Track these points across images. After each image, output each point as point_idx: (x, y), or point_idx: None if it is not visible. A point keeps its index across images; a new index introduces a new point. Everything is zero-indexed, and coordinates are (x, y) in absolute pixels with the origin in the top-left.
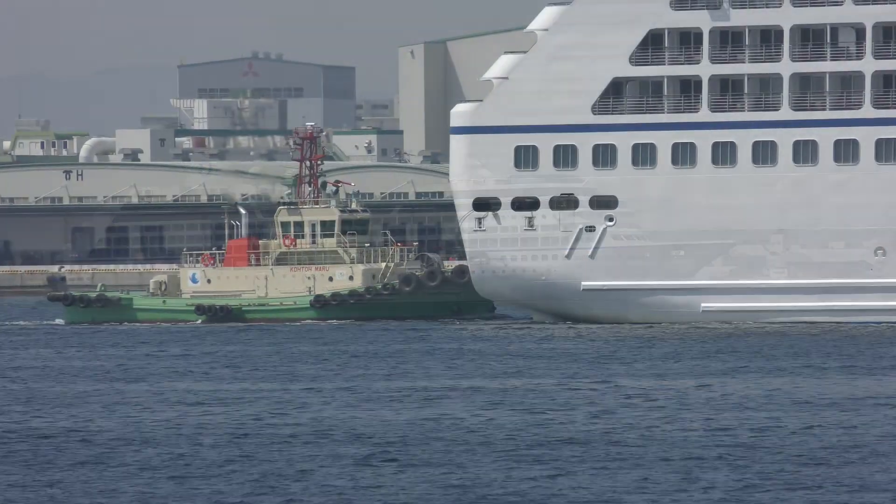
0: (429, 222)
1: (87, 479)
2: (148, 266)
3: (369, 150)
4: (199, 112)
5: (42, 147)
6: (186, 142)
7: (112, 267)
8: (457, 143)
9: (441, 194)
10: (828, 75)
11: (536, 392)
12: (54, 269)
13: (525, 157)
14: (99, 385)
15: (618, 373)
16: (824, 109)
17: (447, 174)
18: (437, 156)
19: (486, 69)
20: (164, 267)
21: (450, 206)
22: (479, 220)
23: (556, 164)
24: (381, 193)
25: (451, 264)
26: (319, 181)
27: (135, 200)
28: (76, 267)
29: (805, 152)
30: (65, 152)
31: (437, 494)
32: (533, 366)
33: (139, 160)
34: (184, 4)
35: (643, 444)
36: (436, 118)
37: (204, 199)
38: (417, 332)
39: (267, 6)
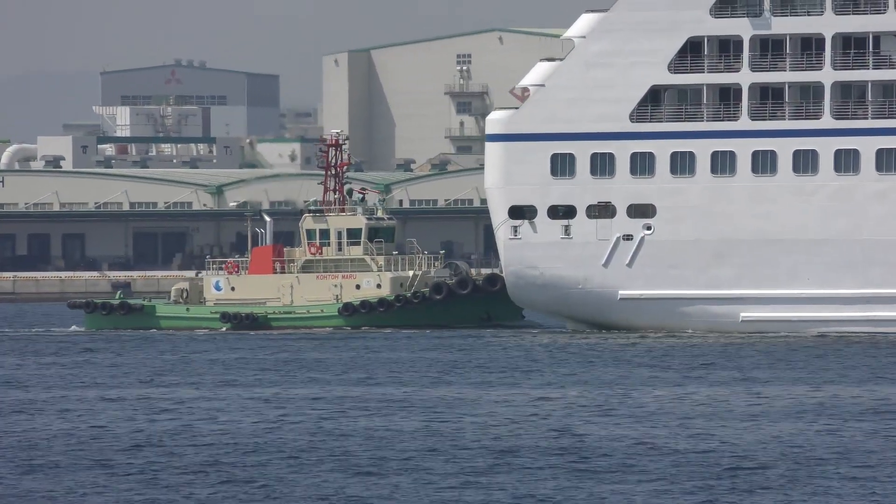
0: None
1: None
2: (69, 273)
3: (293, 159)
4: (121, 119)
5: None
6: (109, 149)
7: (34, 274)
8: (492, 150)
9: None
10: (870, 84)
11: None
12: None
13: (562, 165)
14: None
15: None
16: (866, 118)
17: (372, 182)
18: (361, 164)
19: (410, 77)
20: (86, 275)
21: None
22: (515, 228)
23: (593, 171)
24: (305, 202)
25: None
26: (345, 188)
27: (56, 208)
28: None
29: (846, 161)
30: None
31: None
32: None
33: (61, 167)
34: (106, 10)
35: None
36: (360, 127)
37: (126, 206)
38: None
39: (190, 13)
